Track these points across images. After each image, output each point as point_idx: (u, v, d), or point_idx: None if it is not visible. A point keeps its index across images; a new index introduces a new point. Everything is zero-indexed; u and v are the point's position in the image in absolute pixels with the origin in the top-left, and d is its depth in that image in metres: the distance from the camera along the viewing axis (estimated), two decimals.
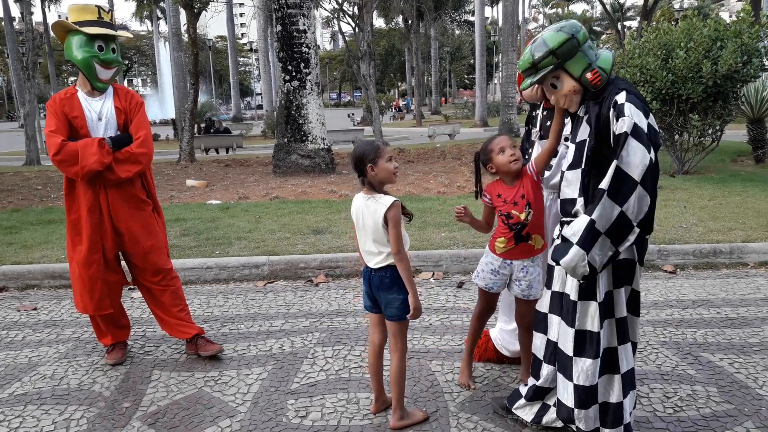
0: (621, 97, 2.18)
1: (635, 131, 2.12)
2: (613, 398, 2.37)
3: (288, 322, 3.98)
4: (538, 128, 3.02)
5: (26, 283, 4.90)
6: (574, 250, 2.19)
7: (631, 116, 2.14)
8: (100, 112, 3.33)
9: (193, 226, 6.36)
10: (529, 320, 2.84)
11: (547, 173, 2.94)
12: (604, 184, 2.14)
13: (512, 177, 2.77)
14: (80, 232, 3.34)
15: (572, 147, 2.41)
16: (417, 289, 2.59)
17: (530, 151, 3.09)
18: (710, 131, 8.82)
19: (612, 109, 2.18)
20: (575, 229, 2.20)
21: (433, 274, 4.91)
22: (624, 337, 2.37)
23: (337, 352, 3.49)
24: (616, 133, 2.16)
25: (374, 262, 2.62)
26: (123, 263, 3.56)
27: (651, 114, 2.21)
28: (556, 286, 2.48)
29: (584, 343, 2.33)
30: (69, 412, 2.89)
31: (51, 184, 10.42)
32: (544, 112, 3.01)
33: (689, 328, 3.71)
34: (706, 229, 5.64)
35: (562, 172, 2.45)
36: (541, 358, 2.56)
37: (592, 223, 2.15)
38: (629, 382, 2.40)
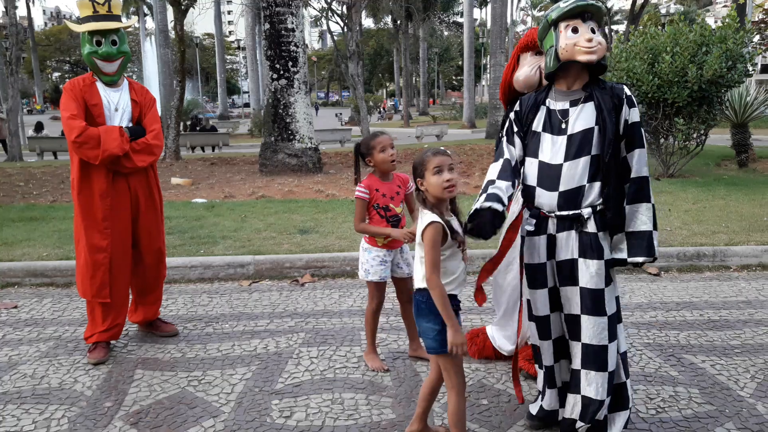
0: (628, 90, 2.38)
1: (641, 121, 2.40)
2: (623, 377, 2.46)
3: (273, 322, 3.96)
4: None
5: (7, 281, 4.83)
6: (656, 234, 2.39)
7: (637, 107, 2.39)
8: (117, 103, 3.50)
9: (177, 224, 6.31)
10: (408, 297, 3.17)
11: None
12: (645, 171, 2.37)
13: (386, 173, 3.08)
14: (92, 216, 3.42)
15: (561, 139, 2.35)
16: (455, 321, 2.23)
17: None
18: (695, 135, 8.92)
19: (624, 99, 2.35)
20: (647, 217, 2.37)
21: None
22: (620, 317, 2.50)
23: (323, 352, 3.48)
24: (630, 121, 2.35)
25: (417, 280, 2.35)
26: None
27: None
28: (550, 282, 2.46)
29: (614, 327, 2.40)
30: (50, 412, 2.85)
31: (33, 180, 10.30)
32: None
33: (672, 330, 3.74)
34: (690, 232, 5.69)
35: (559, 166, 2.34)
36: (551, 363, 2.55)
37: (654, 206, 2.39)
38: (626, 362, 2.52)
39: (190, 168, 12.13)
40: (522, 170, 2.46)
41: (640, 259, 2.35)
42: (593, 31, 2.30)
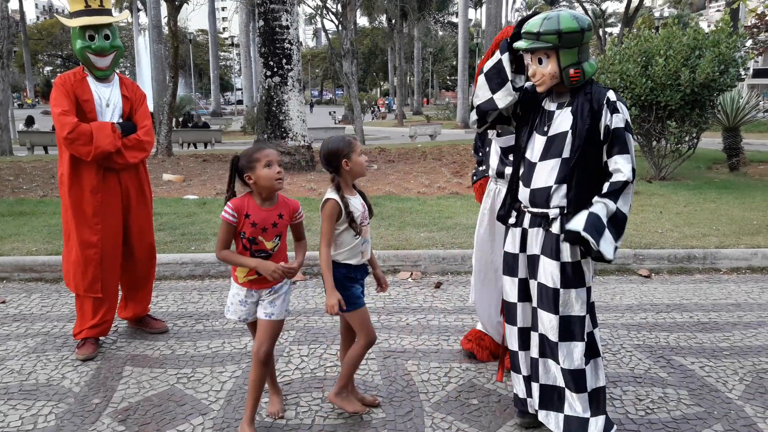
0: (612, 95, 2.36)
1: (628, 127, 2.33)
2: (601, 382, 2.45)
3: None
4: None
5: None
6: (608, 235, 2.29)
7: (623, 113, 2.33)
8: (108, 99, 3.46)
9: (168, 221, 6.28)
10: (267, 349, 2.56)
11: (509, 169, 2.98)
12: (625, 176, 2.28)
13: (268, 198, 2.54)
14: (82, 212, 3.40)
15: (542, 139, 2.45)
16: (331, 286, 2.55)
17: (488, 150, 3.16)
18: (687, 138, 8.95)
19: (605, 105, 2.34)
20: (604, 209, 2.29)
21: (411, 274, 4.91)
22: (595, 322, 2.49)
23: (313, 350, 3.47)
24: (612, 126, 2.32)
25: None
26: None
27: None
28: (521, 274, 2.54)
29: (569, 327, 2.40)
30: (37, 408, 2.83)
31: (23, 175, 10.22)
32: None
33: (662, 332, 3.75)
34: (680, 234, 5.72)
35: (534, 164, 2.47)
36: (516, 349, 2.60)
37: (617, 212, 2.30)
38: (602, 367, 2.50)
39: (181, 164, 12.07)
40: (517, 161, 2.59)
41: (572, 227, 2.26)
42: (540, 62, 2.37)
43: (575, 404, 2.42)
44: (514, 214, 2.57)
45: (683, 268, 5.09)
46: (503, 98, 2.50)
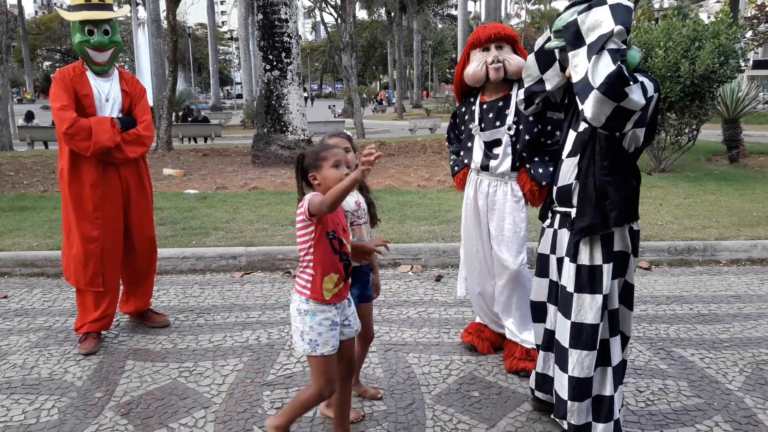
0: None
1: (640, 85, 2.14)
2: (607, 391, 2.36)
3: (265, 314, 3.95)
4: (477, 122, 3.09)
5: None
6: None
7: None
8: (108, 93, 3.46)
9: (169, 215, 6.28)
10: (351, 362, 2.43)
11: (494, 162, 3.00)
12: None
13: None
14: (82, 207, 3.40)
15: (573, 135, 2.41)
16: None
17: (469, 145, 3.16)
18: (687, 130, 8.94)
19: None
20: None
21: (412, 267, 4.92)
22: (614, 330, 2.38)
23: None
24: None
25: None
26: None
27: (655, 93, 2.21)
28: (553, 276, 2.51)
29: (580, 335, 2.32)
30: (40, 402, 2.84)
31: (24, 170, 10.21)
32: (484, 106, 3.07)
33: (662, 324, 3.76)
34: (680, 226, 5.72)
35: (562, 161, 2.44)
36: (540, 348, 2.61)
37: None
38: (619, 375, 2.40)
39: (182, 159, 12.06)
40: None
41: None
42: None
43: (575, 414, 2.35)
44: (549, 214, 2.54)
45: (683, 260, 5.09)
46: (552, 78, 2.48)
